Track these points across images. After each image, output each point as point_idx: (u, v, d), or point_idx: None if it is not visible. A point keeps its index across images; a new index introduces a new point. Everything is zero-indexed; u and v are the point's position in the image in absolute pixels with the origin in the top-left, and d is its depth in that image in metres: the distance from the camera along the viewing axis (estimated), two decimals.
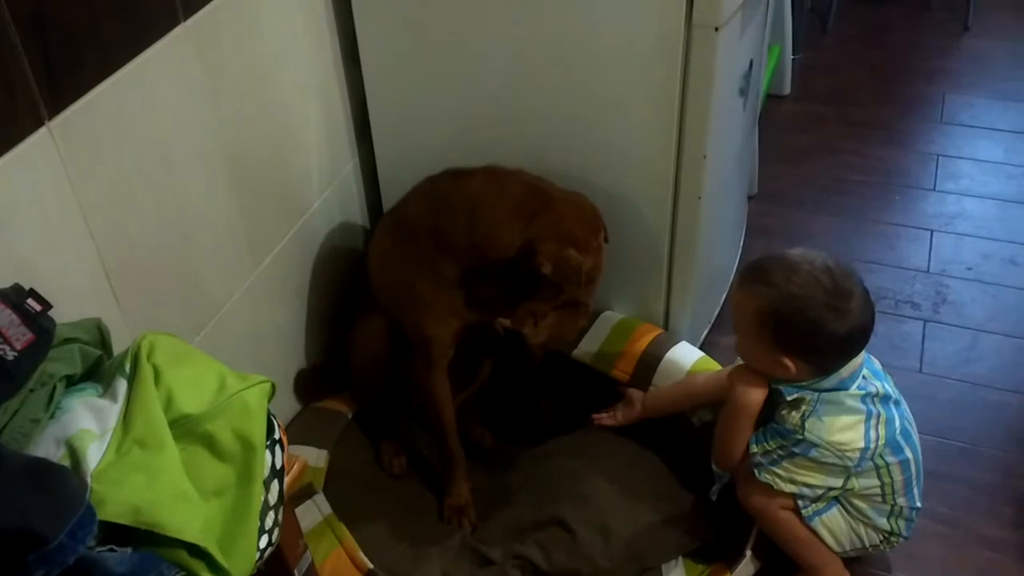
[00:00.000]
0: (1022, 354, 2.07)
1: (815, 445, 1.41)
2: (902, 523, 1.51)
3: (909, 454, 1.46)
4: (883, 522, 1.50)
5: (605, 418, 1.77)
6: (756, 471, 1.47)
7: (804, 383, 1.43)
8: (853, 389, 1.42)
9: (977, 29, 3.27)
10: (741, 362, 1.54)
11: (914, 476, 1.48)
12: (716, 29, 1.51)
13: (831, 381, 1.42)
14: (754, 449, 1.47)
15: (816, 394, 1.42)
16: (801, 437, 1.41)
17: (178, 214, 1.41)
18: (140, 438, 0.99)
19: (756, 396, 1.46)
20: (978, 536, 1.70)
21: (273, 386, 1.12)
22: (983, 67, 3.10)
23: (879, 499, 1.48)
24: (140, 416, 1.00)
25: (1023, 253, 2.34)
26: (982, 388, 1.99)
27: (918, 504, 1.51)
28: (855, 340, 1.40)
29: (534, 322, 1.47)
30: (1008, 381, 2.00)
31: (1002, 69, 3.08)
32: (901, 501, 1.48)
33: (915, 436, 1.49)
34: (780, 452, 1.44)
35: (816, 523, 1.49)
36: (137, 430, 1.00)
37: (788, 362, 1.39)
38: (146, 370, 1.06)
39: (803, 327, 1.36)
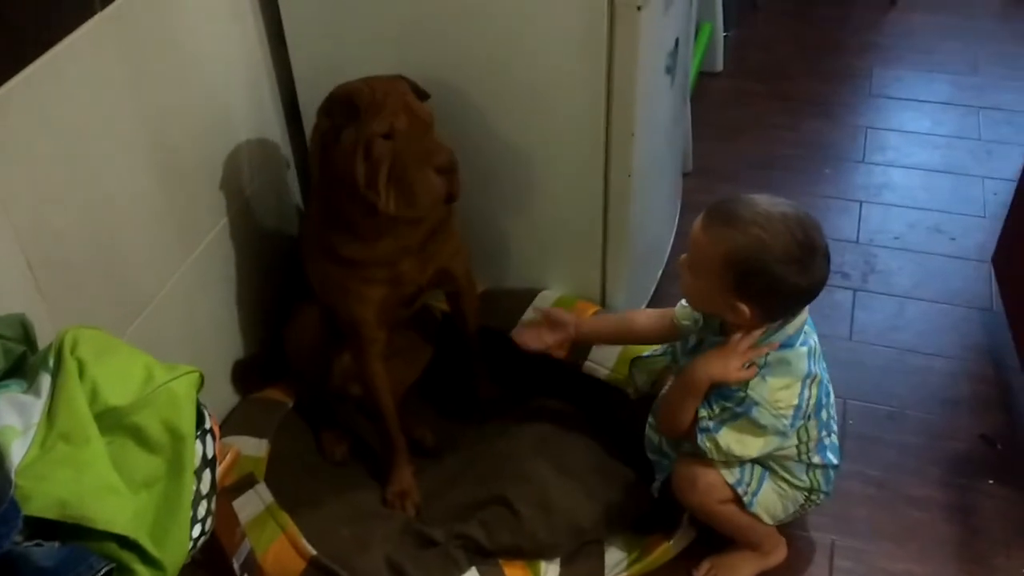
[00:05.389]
0: (946, 319, 2.13)
1: (756, 403, 1.42)
2: (820, 478, 1.55)
3: (825, 412, 1.51)
4: (804, 478, 1.54)
5: (528, 339, 1.68)
6: (699, 436, 1.48)
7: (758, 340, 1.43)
8: (798, 346, 1.45)
9: (903, 4, 3.35)
10: (683, 303, 1.56)
11: (826, 433, 1.52)
12: (638, 8, 1.53)
13: (779, 337, 1.43)
14: (703, 414, 1.48)
15: (764, 357, 1.43)
16: (744, 395, 1.43)
17: (103, 206, 1.39)
18: (65, 433, 0.98)
19: (714, 372, 1.44)
20: (905, 496, 1.76)
21: (201, 376, 1.12)
22: (909, 40, 3.17)
23: (795, 459, 1.52)
24: (64, 411, 1.00)
25: (947, 221, 2.40)
26: (909, 353, 2.04)
27: (835, 462, 1.55)
28: (812, 294, 1.41)
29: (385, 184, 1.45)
30: (933, 345, 2.06)
31: (928, 42, 3.15)
32: (816, 459, 1.52)
33: (832, 392, 1.54)
34: (724, 415, 1.46)
35: (756, 507, 1.53)
36: (61, 425, 0.99)
37: (743, 307, 1.38)
38: (70, 364, 1.05)
39: (769, 277, 1.35)
